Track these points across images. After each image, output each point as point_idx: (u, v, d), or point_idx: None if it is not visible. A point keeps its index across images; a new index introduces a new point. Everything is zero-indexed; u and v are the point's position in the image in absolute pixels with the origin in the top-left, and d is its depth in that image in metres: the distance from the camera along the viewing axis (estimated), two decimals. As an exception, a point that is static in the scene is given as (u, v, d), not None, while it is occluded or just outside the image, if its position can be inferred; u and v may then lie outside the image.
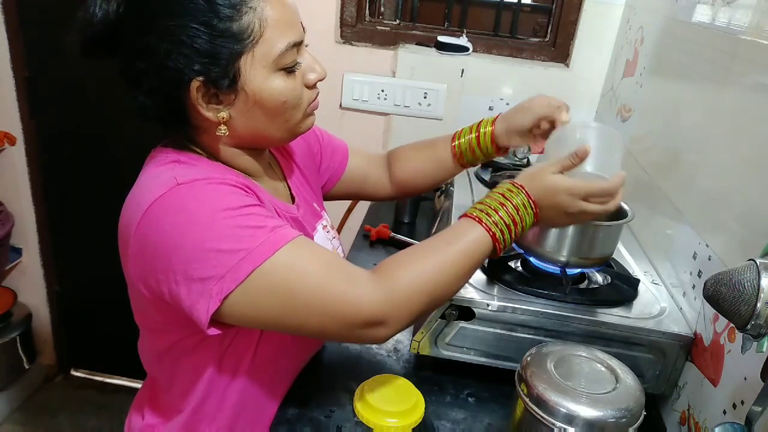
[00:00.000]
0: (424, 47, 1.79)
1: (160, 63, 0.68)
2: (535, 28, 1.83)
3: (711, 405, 0.82)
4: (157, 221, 0.67)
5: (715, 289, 0.61)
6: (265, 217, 0.70)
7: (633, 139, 1.39)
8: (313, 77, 0.78)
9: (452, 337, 0.94)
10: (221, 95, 0.71)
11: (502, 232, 0.76)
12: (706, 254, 0.90)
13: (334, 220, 1.94)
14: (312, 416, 0.87)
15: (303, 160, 1.01)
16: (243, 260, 0.65)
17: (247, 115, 0.74)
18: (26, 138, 2.07)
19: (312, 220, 0.95)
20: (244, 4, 0.68)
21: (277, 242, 0.67)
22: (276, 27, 0.70)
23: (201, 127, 0.76)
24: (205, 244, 0.65)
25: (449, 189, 1.43)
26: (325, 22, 1.77)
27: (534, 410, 0.72)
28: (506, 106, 1.77)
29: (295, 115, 0.77)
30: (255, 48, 0.70)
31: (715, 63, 0.99)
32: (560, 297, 0.94)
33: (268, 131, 0.77)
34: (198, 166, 0.74)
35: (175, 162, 0.74)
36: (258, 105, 0.73)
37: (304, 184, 0.99)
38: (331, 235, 0.99)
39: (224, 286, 0.65)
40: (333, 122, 1.88)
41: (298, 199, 0.92)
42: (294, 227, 0.76)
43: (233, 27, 0.68)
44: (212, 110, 0.72)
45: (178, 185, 0.68)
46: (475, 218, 0.77)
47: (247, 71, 0.70)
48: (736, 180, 0.87)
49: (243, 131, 0.76)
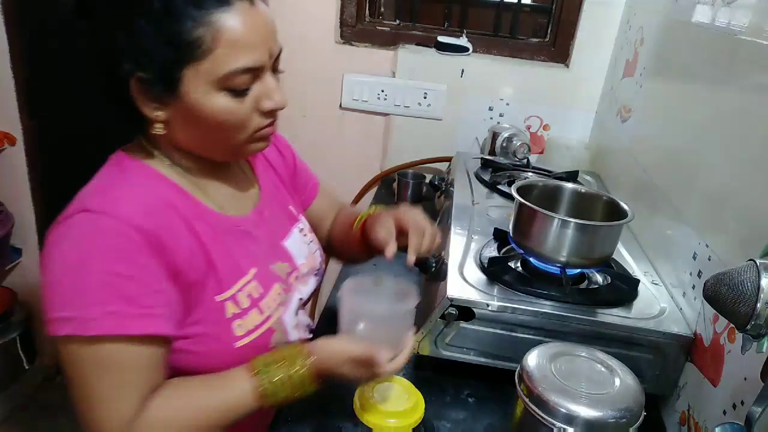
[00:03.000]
0: (424, 47, 1.79)
1: (111, 49, 0.68)
2: (535, 29, 1.83)
3: (711, 405, 0.82)
4: (51, 244, 0.69)
5: (715, 290, 0.61)
6: (125, 298, 0.67)
7: (633, 139, 1.39)
8: (268, 105, 0.75)
9: (452, 337, 0.94)
10: (161, 96, 0.71)
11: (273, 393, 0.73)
12: (706, 254, 0.90)
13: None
14: (312, 416, 0.87)
15: (276, 161, 1.00)
16: (73, 320, 0.65)
17: (184, 123, 0.73)
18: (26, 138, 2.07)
19: (285, 223, 0.94)
20: (202, 17, 0.67)
21: (100, 328, 0.66)
22: (230, 47, 0.69)
23: (154, 124, 0.75)
24: (64, 285, 0.66)
25: (449, 189, 1.43)
26: (325, 22, 1.77)
27: (534, 410, 0.72)
28: (506, 106, 1.78)
29: (237, 137, 0.76)
30: (201, 62, 0.68)
31: (715, 63, 0.99)
32: (560, 297, 0.94)
33: (206, 146, 0.77)
34: (133, 180, 0.74)
35: (115, 169, 0.75)
36: (194, 118, 0.72)
37: (279, 186, 0.98)
38: (308, 238, 0.98)
39: (59, 326, 0.66)
40: (333, 122, 1.88)
41: (264, 201, 0.91)
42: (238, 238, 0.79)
43: (182, 36, 0.67)
44: (150, 108, 0.72)
45: (84, 212, 0.68)
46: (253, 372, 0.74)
47: (189, 82, 0.69)
48: (736, 180, 0.87)
49: (181, 138, 0.76)
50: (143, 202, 0.71)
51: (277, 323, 0.83)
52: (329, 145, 1.91)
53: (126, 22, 0.67)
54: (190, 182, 0.79)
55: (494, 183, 1.44)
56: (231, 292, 0.78)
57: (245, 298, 0.79)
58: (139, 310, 0.67)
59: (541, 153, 1.80)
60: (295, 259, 0.92)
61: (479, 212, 1.26)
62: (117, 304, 0.66)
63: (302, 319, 0.93)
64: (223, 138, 0.76)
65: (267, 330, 0.81)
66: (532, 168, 1.58)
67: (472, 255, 1.05)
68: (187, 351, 0.75)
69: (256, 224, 0.86)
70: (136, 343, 0.68)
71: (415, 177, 1.54)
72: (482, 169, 1.52)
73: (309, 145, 1.92)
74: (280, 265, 0.88)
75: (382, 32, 1.80)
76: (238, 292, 0.78)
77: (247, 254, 0.82)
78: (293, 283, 0.90)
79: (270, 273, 0.85)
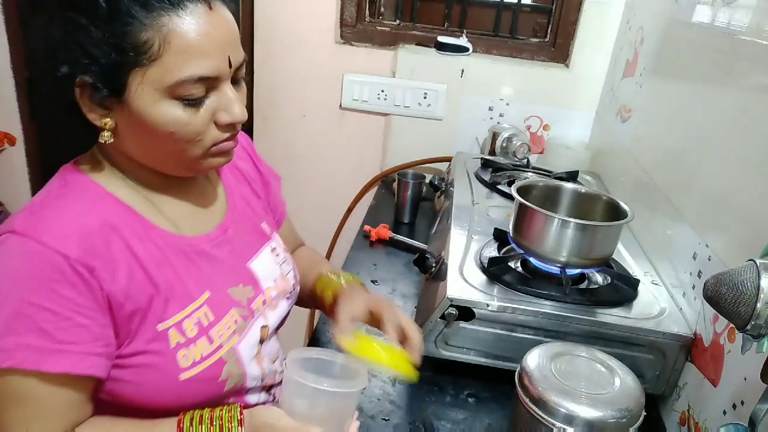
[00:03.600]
0: (424, 47, 1.79)
1: (54, 48, 0.64)
2: (535, 29, 1.83)
3: (711, 405, 0.82)
4: None
5: (715, 290, 0.61)
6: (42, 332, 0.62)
7: (633, 139, 1.39)
8: (224, 119, 0.69)
9: (452, 337, 0.94)
10: (106, 101, 0.66)
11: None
12: (706, 254, 0.90)
13: (333, 221, 1.96)
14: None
15: (252, 175, 0.94)
16: None
17: (132, 133, 0.68)
18: (26, 138, 2.07)
19: (253, 242, 0.87)
20: (150, 19, 0.62)
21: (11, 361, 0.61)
22: (180, 54, 0.64)
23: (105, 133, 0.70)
24: None
25: (449, 189, 1.43)
26: (325, 22, 1.77)
27: (534, 410, 0.72)
28: (506, 106, 1.78)
29: (192, 151, 0.70)
30: (149, 68, 0.63)
31: (715, 63, 0.99)
32: (560, 297, 0.94)
33: (157, 157, 0.71)
34: (72, 199, 0.69)
35: (58, 184, 0.71)
36: (142, 126, 0.67)
37: (252, 201, 0.92)
38: (281, 258, 0.91)
39: None
40: (333, 122, 1.88)
41: (231, 218, 0.84)
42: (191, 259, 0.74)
43: (127, 38, 0.62)
44: (96, 114, 0.67)
45: (11, 233, 0.64)
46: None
47: (135, 88, 0.64)
48: (736, 180, 0.87)
49: (131, 147, 0.70)
50: (77, 226, 0.66)
51: (229, 354, 0.75)
52: (329, 145, 1.91)
53: (69, 19, 0.62)
54: (142, 198, 0.73)
55: (494, 183, 1.44)
56: (176, 319, 0.71)
57: (193, 325, 0.72)
58: (56, 345, 0.62)
59: (541, 153, 1.80)
60: (261, 282, 0.84)
61: (479, 212, 1.26)
62: (33, 337, 0.62)
63: (269, 349, 0.85)
64: (175, 150, 0.69)
65: (217, 361, 0.74)
66: (532, 168, 1.58)
67: (472, 255, 1.05)
68: (128, 381, 0.70)
69: (217, 243, 0.80)
70: (52, 380, 0.64)
71: (415, 177, 1.54)
72: (482, 169, 1.52)
73: (309, 145, 1.93)
74: (241, 289, 0.81)
75: (382, 32, 1.80)
76: (185, 319, 0.72)
77: (200, 277, 0.75)
78: (256, 308, 0.82)
79: (226, 298, 0.78)
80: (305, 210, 2.01)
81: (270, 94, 1.88)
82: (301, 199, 2.00)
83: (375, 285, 1.24)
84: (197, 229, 0.79)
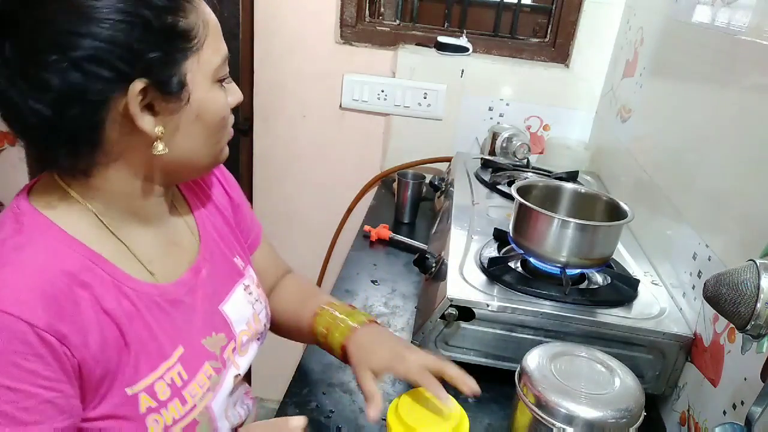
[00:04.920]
0: (424, 47, 1.79)
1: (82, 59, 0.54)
2: (535, 29, 1.83)
3: (711, 405, 0.82)
4: None
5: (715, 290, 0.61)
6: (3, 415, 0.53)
7: (633, 139, 1.39)
8: (236, 99, 0.69)
9: (452, 337, 0.94)
10: (160, 105, 0.60)
11: None
12: (706, 254, 0.90)
13: (334, 221, 1.96)
14: (312, 417, 0.87)
15: (221, 200, 0.86)
16: None
17: (185, 131, 0.64)
18: (26, 138, 2.07)
19: (226, 282, 0.80)
20: (189, 4, 0.61)
21: None
22: (214, 35, 0.64)
23: (110, 153, 0.62)
24: None
25: (449, 189, 1.43)
26: (325, 22, 1.77)
27: (534, 411, 0.72)
28: (506, 106, 1.78)
29: (225, 137, 0.70)
30: (200, 52, 0.62)
31: (715, 63, 0.99)
32: (560, 297, 0.94)
33: (201, 153, 0.68)
34: (29, 248, 0.58)
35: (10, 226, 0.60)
36: (200, 119, 0.64)
37: (224, 232, 0.83)
38: (253, 297, 0.84)
39: None
40: (333, 123, 1.88)
41: (204, 256, 0.77)
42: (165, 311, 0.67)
43: (180, 24, 0.59)
44: (148, 123, 0.60)
45: None
46: None
47: (192, 78, 0.61)
48: (736, 180, 0.87)
49: (175, 153, 0.64)
50: (42, 285, 0.56)
51: (203, 414, 0.69)
52: (329, 145, 1.91)
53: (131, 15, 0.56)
54: (112, 239, 0.65)
55: (494, 183, 1.44)
56: (147, 382, 0.64)
57: (166, 387, 0.65)
58: (20, 429, 0.54)
59: (541, 153, 1.80)
60: (234, 327, 0.78)
61: (479, 212, 1.26)
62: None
63: (236, 397, 0.80)
64: (217, 139, 0.68)
65: (190, 423, 0.67)
66: (532, 168, 1.58)
67: (472, 255, 1.05)
68: None
69: (190, 288, 0.72)
70: None
71: (415, 177, 1.54)
72: (482, 169, 1.52)
73: (309, 145, 1.93)
74: (215, 338, 0.74)
75: (382, 32, 1.80)
76: (156, 381, 0.65)
77: (174, 330, 0.68)
78: (227, 358, 0.76)
79: (200, 351, 0.71)
80: (305, 210, 2.01)
81: (270, 94, 1.88)
82: (301, 199, 2.00)
83: (375, 285, 1.24)
84: (170, 271, 0.71)
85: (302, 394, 0.91)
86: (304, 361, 0.98)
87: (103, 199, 0.65)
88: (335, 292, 1.20)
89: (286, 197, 2.01)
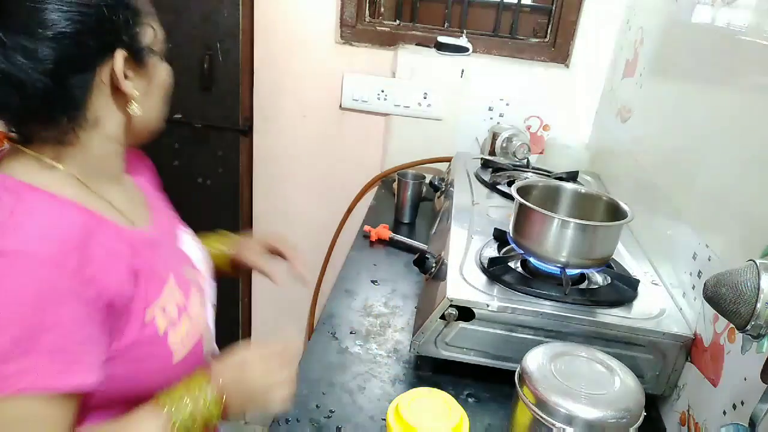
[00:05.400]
0: (424, 48, 1.79)
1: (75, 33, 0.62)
2: (535, 29, 1.83)
3: (711, 405, 0.82)
4: None
5: (715, 290, 0.61)
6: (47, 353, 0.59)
7: (633, 139, 1.39)
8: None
9: (452, 337, 0.94)
10: (135, 71, 0.70)
11: None
12: (706, 254, 0.90)
13: (334, 221, 1.96)
14: (312, 417, 0.87)
15: (149, 176, 0.93)
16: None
17: (150, 95, 0.74)
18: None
19: (174, 228, 0.89)
20: None
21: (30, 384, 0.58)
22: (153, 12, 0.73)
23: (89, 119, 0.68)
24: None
25: (449, 189, 1.43)
26: (325, 22, 1.77)
27: (534, 411, 0.72)
28: (506, 106, 1.78)
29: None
30: (154, 26, 0.72)
31: (715, 63, 0.99)
32: (560, 297, 0.94)
33: (157, 116, 0.77)
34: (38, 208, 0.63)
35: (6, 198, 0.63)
36: (158, 85, 0.75)
37: (155, 191, 0.92)
38: (197, 241, 0.93)
39: None
40: (333, 123, 1.88)
41: (153, 207, 0.85)
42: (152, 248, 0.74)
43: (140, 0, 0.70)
44: (129, 87, 0.69)
45: None
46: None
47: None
48: (736, 180, 0.87)
49: (144, 115, 0.74)
50: (62, 234, 0.62)
51: (206, 329, 0.80)
52: (329, 145, 1.91)
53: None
54: (98, 198, 0.71)
55: (494, 183, 1.44)
56: (159, 304, 0.71)
57: (173, 306, 0.74)
58: (61, 366, 0.60)
59: (541, 153, 1.80)
60: (196, 264, 0.87)
61: (479, 212, 1.26)
62: (37, 358, 0.58)
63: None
64: (166, 103, 0.78)
65: (198, 340, 0.77)
66: (532, 168, 1.58)
67: (472, 255, 1.05)
68: (121, 376, 0.68)
69: (161, 232, 0.82)
70: (53, 400, 0.60)
71: (415, 177, 1.54)
72: (482, 169, 1.52)
73: (309, 145, 1.93)
74: (189, 270, 0.83)
75: (382, 32, 1.80)
76: (167, 301, 0.73)
77: (162, 263, 0.76)
78: (203, 286, 0.85)
79: (184, 278, 0.80)
80: (305, 210, 2.01)
81: (270, 94, 1.88)
82: (301, 199, 2.00)
83: (375, 285, 1.24)
84: (141, 220, 0.79)
85: (302, 394, 0.91)
86: (304, 361, 0.98)
87: (81, 163, 0.70)
88: (335, 292, 1.20)
89: (286, 197, 2.01)
